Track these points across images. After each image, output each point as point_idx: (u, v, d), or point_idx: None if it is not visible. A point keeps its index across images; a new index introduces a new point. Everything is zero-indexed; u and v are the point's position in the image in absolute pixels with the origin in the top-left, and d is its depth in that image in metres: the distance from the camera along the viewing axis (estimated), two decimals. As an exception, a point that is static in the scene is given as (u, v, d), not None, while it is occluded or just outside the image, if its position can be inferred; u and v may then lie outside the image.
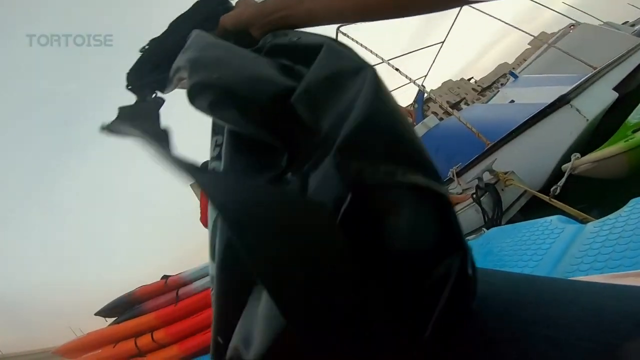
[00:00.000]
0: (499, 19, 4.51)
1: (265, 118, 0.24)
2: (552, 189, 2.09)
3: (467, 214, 2.58)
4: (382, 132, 0.19)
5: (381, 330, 0.18)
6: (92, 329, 3.99)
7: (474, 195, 2.50)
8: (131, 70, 0.45)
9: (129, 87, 0.45)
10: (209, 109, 0.27)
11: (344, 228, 0.17)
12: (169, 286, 3.88)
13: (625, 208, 0.97)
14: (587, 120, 2.87)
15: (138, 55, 0.45)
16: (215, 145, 0.34)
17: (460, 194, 2.58)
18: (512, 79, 5.47)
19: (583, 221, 1.27)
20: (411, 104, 7.15)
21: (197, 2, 0.44)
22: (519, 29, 4.45)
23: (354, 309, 0.17)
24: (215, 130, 0.35)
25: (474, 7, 4.38)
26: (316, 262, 0.17)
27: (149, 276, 4.51)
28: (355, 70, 0.22)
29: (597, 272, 0.81)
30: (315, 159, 0.21)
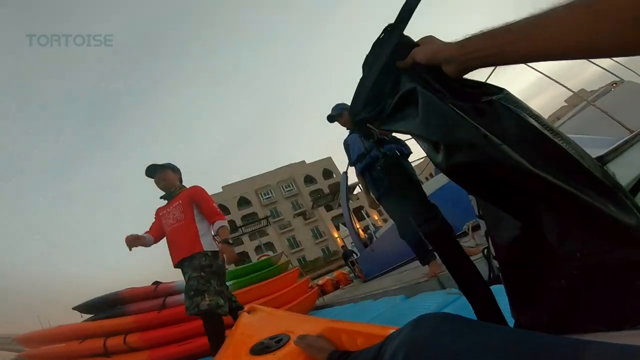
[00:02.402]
0: (539, 71, 4.38)
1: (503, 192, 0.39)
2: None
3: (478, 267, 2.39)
4: None
5: None
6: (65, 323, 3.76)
7: (484, 251, 2.30)
8: (350, 108, 0.54)
9: (354, 122, 0.54)
10: (462, 183, 0.40)
11: None
12: (158, 292, 3.73)
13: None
14: (622, 185, 2.66)
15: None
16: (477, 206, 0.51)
17: (473, 248, 2.41)
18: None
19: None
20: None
21: (379, 40, 0.47)
22: (559, 83, 4.28)
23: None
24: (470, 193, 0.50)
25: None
26: None
27: (144, 283, 4.38)
28: None
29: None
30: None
